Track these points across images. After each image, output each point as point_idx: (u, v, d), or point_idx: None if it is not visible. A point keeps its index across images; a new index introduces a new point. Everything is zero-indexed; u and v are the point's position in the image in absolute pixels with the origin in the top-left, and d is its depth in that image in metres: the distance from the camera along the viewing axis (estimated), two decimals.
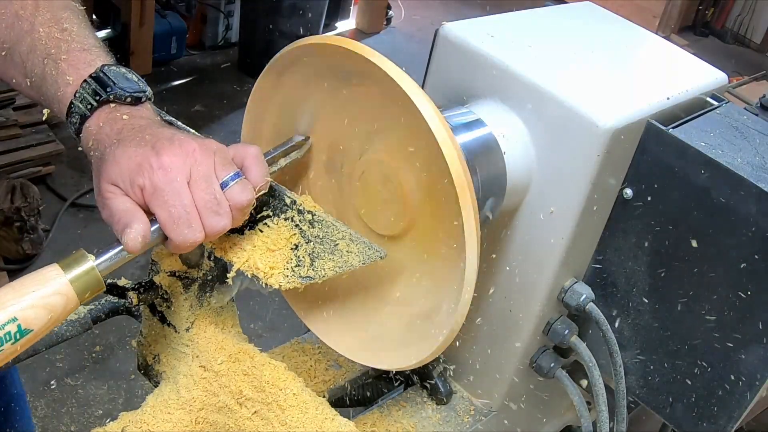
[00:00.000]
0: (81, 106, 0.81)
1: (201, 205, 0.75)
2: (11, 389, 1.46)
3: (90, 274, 0.72)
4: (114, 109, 0.81)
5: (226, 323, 0.97)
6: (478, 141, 0.95)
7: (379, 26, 5.30)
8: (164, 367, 0.97)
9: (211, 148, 0.78)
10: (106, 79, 0.82)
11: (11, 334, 0.66)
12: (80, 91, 0.82)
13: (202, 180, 0.75)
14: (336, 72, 0.91)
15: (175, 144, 0.76)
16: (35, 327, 0.67)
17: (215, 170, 0.77)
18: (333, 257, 0.86)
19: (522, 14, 1.13)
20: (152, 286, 0.95)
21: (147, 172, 0.74)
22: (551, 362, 1.11)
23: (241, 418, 0.91)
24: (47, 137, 3.22)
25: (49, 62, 0.84)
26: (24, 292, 0.67)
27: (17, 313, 0.66)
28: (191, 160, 0.75)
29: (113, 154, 0.76)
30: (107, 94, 0.81)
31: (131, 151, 0.75)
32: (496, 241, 1.06)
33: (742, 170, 0.89)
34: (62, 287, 0.69)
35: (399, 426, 1.13)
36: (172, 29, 4.16)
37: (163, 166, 0.74)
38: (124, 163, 0.75)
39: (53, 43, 0.84)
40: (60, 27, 0.86)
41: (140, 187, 0.74)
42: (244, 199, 0.77)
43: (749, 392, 0.96)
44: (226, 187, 0.77)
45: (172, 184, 0.74)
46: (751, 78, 2.18)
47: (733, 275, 0.93)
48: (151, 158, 0.74)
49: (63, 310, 0.69)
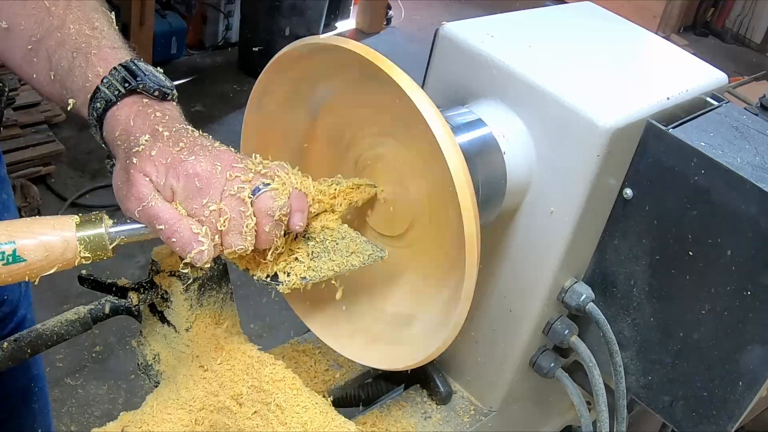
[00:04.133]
0: (108, 92, 0.81)
1: (225, 220, 0.74)
2: (33, 369, 1.47)
3: (99, 236, 0.74)
4: (144, 104, 0.81)
5: (226, 323, 0.97)
6: (478, 141, 0.95)
7: (379, 26, 5.30)
8: (164, 367, 0.97)
9: (249, 160, 0.77)
10: (135, 70, 0.82)
11: (5, 254, 0.69)
12: (108, 77, 0.81)
13: (234, 197, 0.74)
14: (337, 71, 0.91)
15: (213, 153, 0.75)
16: (29, 258, 0.70)
17: (250, 176, 0.76)
18: (333, 257, 0.86)
19: (522, 14, 1.13)
20: (152, 286, 0.95)
21: (182, 176, 0.73)
22: (551, 362, 1.11)
23: (241, 418, 0.91)
24: (47, 137, 3.22)
25: (79, 56, 0.84)
26: (33, 227, 0.71)
27: (18, 238, 0.69)
28: (227, 172, 0.74)
29: (149, 148, 0.75)
30: (137, 83, 0.81)
31: (167, 150, 0.74)
32: (496, 241, 1.06)
33: (742, 170, 0.89)
34: (68, 235, 0.72)
35: (399, 426, 1.14)
36: (172, 29, 4.17)
37: (198, 174, 0.73)
38: (159, 160, 0.74)
39: (84, 39, 0.85)
40: (91, 25, 0.87)
41: (172, 188, 0.74)
42: (273, 205, 0.75)
43: (749, 392, 0.96)
44: (258, 193, 0.75)
45: (201, 196, 0.73)
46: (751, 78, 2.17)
47: (733, 275, 0.93)
48: (188, 163, 0.74)
49: (60, 257, 0.72)
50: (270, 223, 0.76)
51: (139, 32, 3.84)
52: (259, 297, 2.83)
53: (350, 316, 1.04)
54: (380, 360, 0.98)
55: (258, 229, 0.76)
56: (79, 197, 3.21)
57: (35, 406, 1.50)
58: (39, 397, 1.50)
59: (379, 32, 5.29)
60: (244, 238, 0.75)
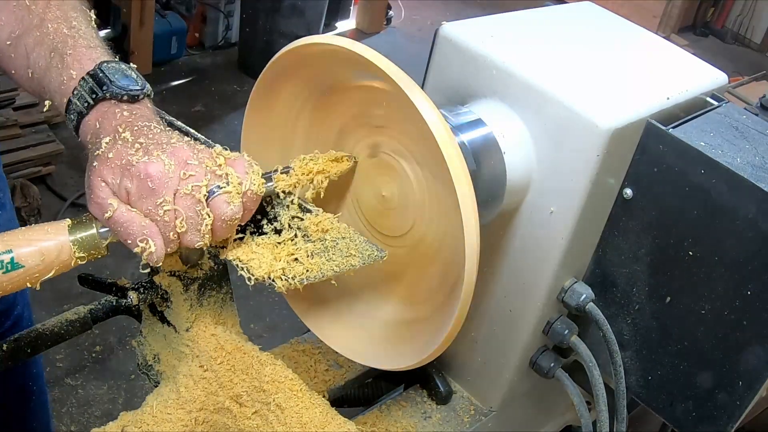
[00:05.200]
0: (78, 104, 0.82)
1: (182, 221, 0.75)
2: (32, 368, 1.47)
3: (91, 236, 0.77)
4: (113, 105, 0.82)
5: (226, 323, 0.97)
6: (478, 141, 0.95)
7: (379, 26, 5.30)
8: (164, 367, 0.97)
9: (204, 156, 0.77)
10: (103, 77, 0.82)
11: (3, 263, 0.72)
12: (78, 89, 0.82)
13: (188, 196, 0.75)
14: (337, 71, 0.91)
15: (167, 152, 0.76)
16: (27, 264, 0.73)
17: (205, 180, 0.76)
18: (333, 257, 0.86)
19: (522, 14, 1.13)
20: (152, 286, 0.95)
21: (135, 178, 0.74)
22: (551, 362, 1.11)
23: (241, 418, 0.91)
24: (47, 137, 3.22)
25: (56, 56, 0.84)
26: (28, 234, 0.75)
27: (15, 246, 0.73)
28: (180, 171, 0.75)
29: (107, 152, 0.76)
30: (103, 92, 0.81)
31: (124, 152, 0.75)
32: (496, 241, 1.06)
33: (742, 170, 0.89)
34: (62, 239, 0.76)
35: (399, 426, 1.14)
36: (172, 29, 4.17)
37: (150, 175, 0.74)
38: (115, 162, 0.75)
39: (61, 38, 0.86)
40: (69, 24, 0.87)
41: (126, 190, 0.75)
42: (228, 211, 0.77)
43: (749, 392, 0.96)
44: (212, 196, 0.76)
45: (155, 196, 0.74)
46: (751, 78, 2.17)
47: (733, 275, 0.93)
48: (140, 164, 0.74)
49: (56, 259, 0.75)
50: (224, 225, 0.78)
51: (139, 32, 3.84)
52: (259, 297, 2.82)
53: (350, 316, 1.04)
54: (380, 360, 0.98)
55: (213, 228, 0.78)
56: (79, 197, 3.20)
57: (34, 405, 1.50)
58: (38, 396, 1.51)
59: (379, 32, 5.29)
60: (202, 236, 0.77)
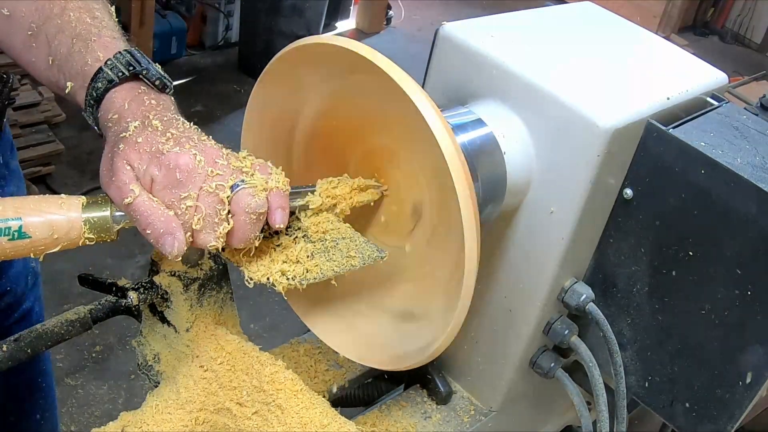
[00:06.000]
0: (111, 73, 0.82)
1: (200, 218, 0.74)
2: (40, 365, 1.47)
3: (104, 219, 0.75)
4: (142, 92, 0.82)
5: (226, 323, 0.97)
6: (478, 141, 0.95)
7: (379, 26, 5.30)
8: (164, 367, 0.97)
9: (232, 157, 0.77)
10: (139, 57, 0.83)
11: (11, 230, 0.70)
12: (112, 60, 0.82)
13: (212, 194, 0.74)
14: (338, 71, 0.91)
15: (198, 147, 0.75)
16: (34, 235, 0.71)
17: (231, 180, 0.76)
18: (333, 257, 0.86)
19: (522, 14, 1.13)
20: (152, 286, 0.95)
21: (164, 166, 0.73)
22: (551, 362, 1.11)
23: (241, 418, 0.91)
24: (47, 137, 3.22)
25: (78, 41, 0.85)
26: (41, 205, 0.73)
27: (25, 215, 0.71)
28: (209, 168, 0.74)
29: (137, 135, 0.75)
30: (141, 68, 0.82)
31: (154, 139, 0.75)
32: (496, 241, 1.06)
33: (742, 170, 0.89)
34: (74, 216, 0.74)
35: (399, 426, 1.14)
36: (172, 29, 4.17)
37: (179, 166, 0.73)
38: (144, 148, 0.74)
39: (83, 26, 0.86)
40: (91, 15, 0.88)
41: (152, 177, 0.74)
42: (252, 203, 0.75)
43: (749, 392, 0.96)
44: (236, 189, 0.75)
45: (181, 188, 0.74)
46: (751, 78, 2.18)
47: (733, 275, 0.93)
48: (171, 154, 0.74)
49: (65, 236, 0.73)
50: (247, 219, 0.76)
51: (139, 32, 3.84)
52: (259, 297, 2.82)
53: (350, 316, 1.04)
54: (380, 360, 0.98)
55: (235, 225, 0.76)
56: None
57: (41, 401, 1.50)
58: (46, 393, 1.51)
59: (379, 32, 5.29)
60: (216, 238, 0.76)
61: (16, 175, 1.31)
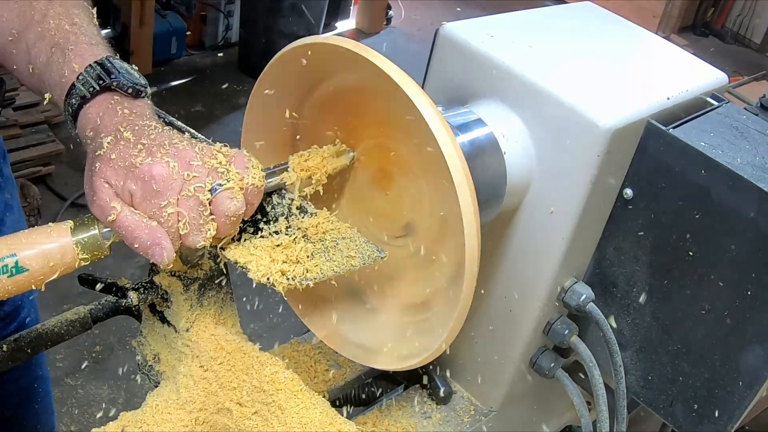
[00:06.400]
0: (83, 89, 0.82)
1: (185, 223, 0.75)
2: (36, 370, 1.47)
3: (94, 237, 0.77)
4: (115, 102, 0.82)
5: (226, 323, 0.97)
6: (478, 141, 0.95)
7: (379, 26, 5.30)
8: (164, 367, 0.97)
9: (206, 154, 0.77)
10: (110, 67, 0.83)
11: (8, 267, 0.72)
12: (83, 75, 0.82)
13: (192, 198, 0.75)
14: (337, 71, 0.91)
15: (170, 153, 0.75)
16: (31, 267, 0.73)
17: (208, 181, 0.76)
18: (333, 257, 0.86)
19: (522, 14, 1.13)
20: (152, 286, 0.95)
21: (139, 180, 0.74)
22: (551, 362, 1.11)
23: (241, 418, 0.90)
24: (47, 137, 3.22)
25: (57, 51, 0.85)
26: (31, 237, 0.75)
27: (18, 250, 0.73)
28: (184, 172, 0.75)
29: (110, 151, 0.76)
30: (111, 80, 0.82)
31: (126, 152, 0.75)
32: (496, 242, 1.06)
33: (742, 170, 0.89)
34: (65, 241, 0.76)
35: (399, 426, 1.13)
36: (172, 29, 4.17)
37: (154, 177, 0.74)
38: (118, 164, 0.75)
39: (62, 34, 0.86)
40: (71, 21, 0.88)
41: (130, 192, 0.75)
42: (231, 207, 0.77)
43: (749, 392, 0.96)
44: (215, 193, 0.76)
45: (159, 198, 0.74)
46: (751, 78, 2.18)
47: (733, 275, 0.93)
48: (144, 166, 0.74)
49: (60, 261, 0.75)
50: (228, 222, 0.78)
51: (139, 32, 3.84)
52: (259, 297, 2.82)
53: (350, 316, 1.04)
54: (380, 360, 0.98)
55: (217, 225, 0.78)
56: (79, 197, 3.20)
57: (38, 406, 1.50)
58: (43, 398, 1.50)
59: (379, 32, 5.29)
60: (204, 237, 0.77)
61: (9, 182, 1.31)
